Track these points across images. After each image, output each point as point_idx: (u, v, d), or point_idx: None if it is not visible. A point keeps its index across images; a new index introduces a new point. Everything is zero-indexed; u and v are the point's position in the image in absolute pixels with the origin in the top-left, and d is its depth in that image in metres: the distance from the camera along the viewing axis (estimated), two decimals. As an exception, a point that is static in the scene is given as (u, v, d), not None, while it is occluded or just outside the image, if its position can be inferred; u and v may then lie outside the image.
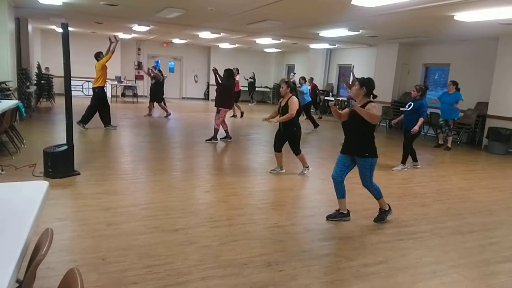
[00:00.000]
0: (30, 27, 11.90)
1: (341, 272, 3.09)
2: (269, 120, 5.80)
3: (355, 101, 3.90)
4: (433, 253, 3.56)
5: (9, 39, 8.37)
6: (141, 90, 17.60)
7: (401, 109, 11.52)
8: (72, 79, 5.21)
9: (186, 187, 5.16)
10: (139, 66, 17.94)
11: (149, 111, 11.92)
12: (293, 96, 5.63)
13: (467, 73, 10.46)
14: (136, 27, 12.14)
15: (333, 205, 4.45)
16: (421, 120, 6.43)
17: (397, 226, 4.17)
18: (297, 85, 11.95)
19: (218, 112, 8.20)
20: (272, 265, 3.12)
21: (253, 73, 18.23)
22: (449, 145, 9.13)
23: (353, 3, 6.37)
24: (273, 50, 18.48)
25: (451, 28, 8.34)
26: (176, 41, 16.83)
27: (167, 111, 11.87)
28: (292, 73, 15.78)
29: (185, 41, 16.52)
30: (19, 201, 2.03)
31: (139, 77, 18.04)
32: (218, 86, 8.29)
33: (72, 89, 5.23)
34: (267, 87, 20.37)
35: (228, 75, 8.26)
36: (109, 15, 9.93)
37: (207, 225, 3.88)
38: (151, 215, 4.04)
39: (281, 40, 13.45)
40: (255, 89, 18.60)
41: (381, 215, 4.25)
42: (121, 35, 15.58)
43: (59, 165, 5.09)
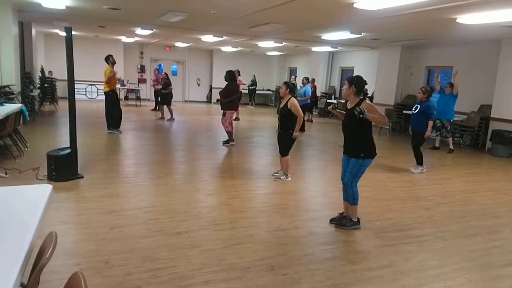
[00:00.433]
0: (33, 31, 11.97)
1: (344, 276, 3.08)
2: (294, 135, 5.57)
3: (366, 110, 3.70)
4: (437, 256, 3.54)
5: (12, 43, 8.43)
6: (144, 93, 17.65)
7: (404, 112, 11.53)
8: (75, 82, 5.23)
9: (189, 190, 5.16)
10: (142, 69, 18.01)
11: (162, 114, 12.05)
12: (292, 97, 5.62)
13: (470, 76, 10.43)
14: (139, 31, 12.19)
15: (337, 208, 4.44)
16: (430, 123, 6.46)
17: (401, 229, 4.15)
18: (300, 85, 12.00)
19: (224, 115, 8.20)
20: (275, 268, 3.11)
21: (254, 76, 18.27)
22: (451, 147, 9.11)
23: (355, 6, 6.38)
24: (275, 53, 18.52)
25: (454, 30, 8.33)
26: (179, 44, 16.89)
27: (171, 115, 11.99)
28: (293, 76, 15.80)
29: (188, 44, 16.58)
30: (23, 204, 2.03)
31: (142, 81, 18.09)
32: (221, 91, 8.31)
33: (75, 92, 5.25)
34: (269, 90, 20.39)
35: (230, 76, 8.27)
36: (112, 19, 9.98)
37: (210, 228, 3.88)
38: (154, 218, 4.05)
39: (283, 43, 13.47)
40: (256, 92, 18.65)
41: (345, 221, 4.07)
42: (124, 39, 15.67)
43: (62, 169, 5.10)
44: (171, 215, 4.17)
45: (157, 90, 12.11)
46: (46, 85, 12.88)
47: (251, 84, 18.10)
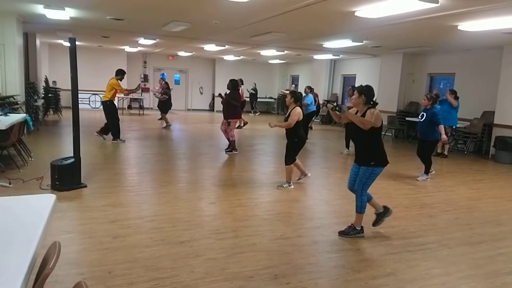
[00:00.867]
0: (38, 42, 12.10)
1: (349, 284, 3.06)
2: (271, 124, 5.76)
3: (346, 106, 3.86)
4: (442, 264, 3.51)
5: (17, 53, 8.52)
6: (147, 102, 17.74)
7: (407, 118, 11.53)
8: (79, 92, 5.27)
9: (191, 199, 5.16)
10: (145, 78, 18.13)
11: (166, 122, 12.08)
12: (296, 106, 5.65)
13: (473, 82, 10.44)
14: (142, 41, 12.30)
15: (340, 216, 4.43)
16: (441, 127, 6.41)
17: (405, 237, 4.13)
18: (303, 94, 12.02)
19: (228, 124, 8.25)
20: (278, 277, 3.09)
21: (255, 84, 18.37)
22: (446, 152, 9.17)
23: (356, 14, 6.42)
24: (277, 61, 18.60)
25: (455, 37, 8.35)
26: (181, 53, 17.00)
27: (167, 122, 12.09)
28: (293, 85, 15.85)
29: (191, 53, 16.69)
30: (27, 214, 2.04)
31: (145, 90, 18.20)
32: (223, 100, 8.36)
33: (79, 102, 5.29)
34: (271, 98, 20.46)
35: (232, 85, 8.32)
36: (116, 29, 10.08)
37: (213, 237, 3.87)
38: (157, 227, 4.04)
39: (285, 51, 13.53)
40: (257, 99, 18.73)
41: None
42: (127, 49, 15.79)
43: (66, 178, 5.12)
44: (174, 224, 4.16)
45: (160, 98, 12.12)
46: (50, 95, 12.97)
47: (252, 90, 18.17)
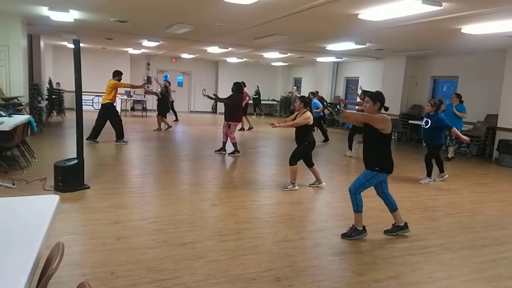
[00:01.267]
0: (42, 43, 12.16)
1: (351, 287, 3.05)
2: (273, 124, 5.69)
3: (343, 107, 3.86)
4: (445, 268, 3.50)
5: (21, 55, 8.57)
6: (150, 104, 17.78)
7: (410, 121, 11.51)
8: (82, 94, 5.29)
9: (194, 201, 5.16)
10: (149, 80, 18.17)
11: (159, 125, 12.03)
12: (306, 111, 5.66)
13: (476, 86, 10.42)
14: (145, 43, 12.35)
15: (343, 219, 4.42)
16: (454, 130, 6.21)
17: (407, 240, 4.11)
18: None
19: (229, 126, 8.27)
20: (281, 280, 3.09)
21: (257, 87, 18.40)
22: (449, 155, 9.21)
23: (359, 17, 6.43)
24: (280, 63, 18.63)
25: (459, 40, 8.35)
26: (184, 55, 17.05)
27: (168, 124, 12.08)
28: (295, 87, 15.86)
29: (194, 55, 16.74)
30: (30, 215, 2.05)
31: (148, 92, 18.23)
32: (225, 102, 8.37)
33: (82, 103, 5.31)
34: (274, 100, 20.47)
35: (236, 88, 8.34)
36: (120, 31, 10.13)
37: (216, 239, 3.87)
38: (160, 229, 4.05)
39: (288, 54, 13.56)
40: (261, 102, 18.76)
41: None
42: (130, 51, 15.86)
43: (69, 179, 5.13)
44: (177, 225, 4.17)
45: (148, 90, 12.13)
46: (53, 97, 13.03)
47: (255, 94, 18.24)
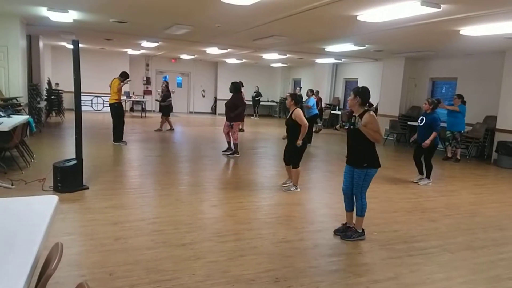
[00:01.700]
0: (41, 44, 12.15)
1: (350, 288, 3.06)
2: (297, 143, 5.54)
3: (360, 119, 3.85)
4: (444, 269, 3.50)
5: (20, 55, 8.56)
6: (149, 105, 17.78)
7: (409, 123, 11.52)
8: (81, 94, 5.29)
9: (193, 201, 5.16)
10: (148, 81, 18.18)
11: (170, 125, 12.04)
12: (297, 108, 5.67)
13: (475, 87, 10.43)
14: (144, 43, 12.35)
15: (342, 220, 4.41)
16: (434, 134, 6.39)
17: (406, 241, 4.12)
18: (305, 97, 12.06)
19: (231, 127, 8.27)
20: (280, 281, 3.09)
21: (257, 87, 18.41)
22: (458, 157, 9.25)
23: (358, 18, 6.44)
24: (279, 65, 18.64)
25: (458, 42, 8.36)
26: (184, 56, 17.06)
27: (171, 126, 12.08)
28: (298, 88, 15.87)
29: (193, 56, 16.74)
30: (29, 215, 2.04)
31: (147, 92, 18.26)
32: (227, 102, 8.37)
33: (81, 104, 5.31)
34: (274, 101, 20.48)
35: (235, 88, 8.34)
36: (119, 32, 10.13)
37: (215, 240, 3.87)
38: (159, 230, 4.05)
39: (287, 55, 13.57)
40: (260, 103, 18.77)
41: (350, 232, 4.07)
42: (130, 51, 15.86)
43: (68, 180, 5.13)
44: (176, 226, 4.17)
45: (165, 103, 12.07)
46: (52, 97, 13.02)
47: (255, 95, 18.25)
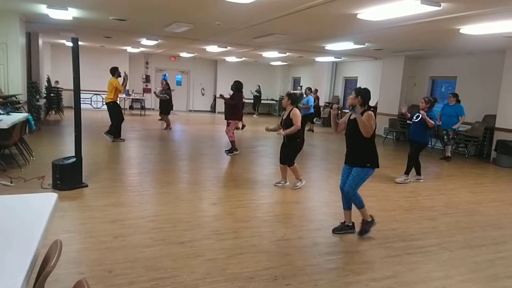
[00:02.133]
0: (40, 41, 12.13)
1: (348, 286, 3.06)
2: (278, 132, 5.72)
3: (359, 107, 3.87)
4: (442, 267, 3.51)
5: (20, 53, 8.54)
6: (148, 103, 17.77)
7: (408, 121, 11.51)
8: (81, 92, 5.29)
9: (192, 200, 5.16)
10: (147, 79, 18.16)
11: (168, 124, 12.00)
12: (294, 108, 5.67)
13: (474, 86, 10.44)
14: (144, 41, 12.33)
15: (340, 218, 4.42)
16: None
17: (405, 240, 4.12)
18: (304, 96, 12.07)
19: (228, 125, 8.27)
20: (278, 279, 3.10)
21: (258, 86, 18.40)
22: (448, 154, 9.26)
23: (358, 17, 6.43)
24: (279, 63, 18.63)
25: (457, 41, 8.36)
26: (183, 54, 17.04)
27: (169, 124, 12.04)
28: (299, 87, 15.90)
29: (193, 54, 16.72)
30: (28, 213, 2.05)
31: (147, 90, 18.24)
32: (226, 100, 8.36)
33: (81, 102, 5.30)
34: (273, 100, 20.48)
35: (236, 86, 8.34)
36: (118, 29, 10.11)
37: (214, 237, 3.87)
38: (158, 228, 4.05)
39: (287, 53, 13.56)
40: (261, 102, 18.76)
41: (364, 226, 4.13)
42: (129, 49, 15.84)
43: (67, 177, 5.13)
44: (175, 224, 4.17)
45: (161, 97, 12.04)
46: (52, 95, 13.00)
47: (256, 93, 18.24)
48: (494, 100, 9.64)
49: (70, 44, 5.63)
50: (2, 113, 6.39)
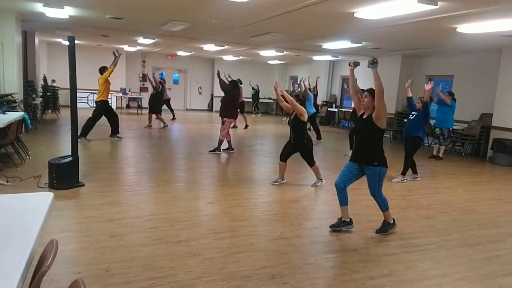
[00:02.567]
0: (36, 40, 12.07)
1: (346, 285, 3.06)
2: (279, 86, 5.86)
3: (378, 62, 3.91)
4: (439, 265, 3.52)
5: (16, 52, 8.49)
6: (145, 101, 17.69)
7: (405, 120, 11.54)
8: (77, 91, 5.26)
9: (189, 199, 5.15)
10: (144, 78, 18.11)
11: (149, 122, 11.93)
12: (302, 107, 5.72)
13: (471, 85, 10.47)
14: (141, 40, 12.28)
15: (338, 216, 4.42)
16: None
17: (402, 238, 4.13)
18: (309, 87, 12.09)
19: (222, 123, 8.22)
20: (276, 277, 3.09)
21: (257, 85, 18.40)
22: (441, 155, 9.25)
23: (355, 15, 6.44)
24: (277, 62, 18.61)
25: (454, 40, 8.38)
26: (180, 53, 16.99)
27: (164, 123, 11.98)
28: (296, 84, 15.87)
29: (190, 53, 16.68)
30: (24, 212, 2.03)
31: (143, 89, 18.19)
32: (224, 94, 8.28)
33: (77, 101, 5.28)
34: (271, 99, 20.46)
35: (233, 85, 8.32)
36: (115, 28, 10.07)
37: (211, 236, 3.87)
38: (155, 227, 4.04)
39: (285, 52, 13.55)
40: (259, 100, 18.76)
41: (384, 226, 4.21)
42: (126, 48, 15.78)
43: (63, 177, 5.11)
44: (172, 223, 4.16)
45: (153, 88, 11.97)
46: (48, 94, 12.94)
47: (254, 92, 18.22)
48: (490, 98, 9.67)
49: (66, 42, 5.61)
50: (-2, 112, 6.35)
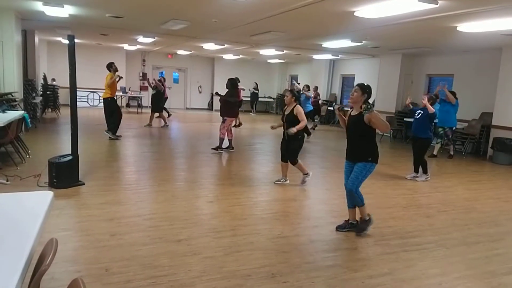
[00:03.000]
0: (36, 39, 12.06)
1: (345, 283, 3.07)
2: (288, 130, 5.55)
3: (372, 107, 3.76)
4: (439, 264, 3.52)
5: (15, 50, 8.49)
6: (145, 100, 17.70)
7: (405, 119, 11.54)
8: (77, 90, 5.26)
9: (189, 197, 5.15)
10: (144, 77, 18.11)
11: (150, 121, 11.93)
12: (297, 105, 5.70)
13: (471, 84, 10.46)
14: (141, 39, 12.27)
15: (337, 215, 4.44)
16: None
17: (402, 237, 4.13)
18: (301, 92, 12.08)
19: (223, 121, 8.24)
20: (276, 276, 3.10)
21: (256, 84, 18.40)
22: (451, 152, 9.25)
23: (356, 14, 6.43)
24: (277, 61, 18.61)
25: (454, 38, 8.37)
26: (180, 52, 16.98)
27: (165, 121, 12.00)
28: (297, 83, 15.87)
29: (190, 52, 16.67)
30: (24, 211, 2.04)
31: (143, 88, 18.18)
32: (221, 98, 8.33)
33: (77, 99, 5.28)
34: (271, 97, 20.47)
35: (231, 84, 8.32)
36: (115, 27, 10.07)
37: (211, 235, 3.87)
38: (155, 226, 4.04)
39: (285, 51, 13.54)
40: (258, 99, 18.75)
41: (362, 224, 4.11)
42: (126, 47, 15.78)
43: (63, 176, 5.11)
44: (172, 222, 4.16)
45: (153, 88, 11.98)
46: (48, 93, 12.94)
47: (254, 91, 18.21)
48: (490, 97, 9.67)
49: (66, 41, 5.60)
50: (-2, 111, 6.35)
